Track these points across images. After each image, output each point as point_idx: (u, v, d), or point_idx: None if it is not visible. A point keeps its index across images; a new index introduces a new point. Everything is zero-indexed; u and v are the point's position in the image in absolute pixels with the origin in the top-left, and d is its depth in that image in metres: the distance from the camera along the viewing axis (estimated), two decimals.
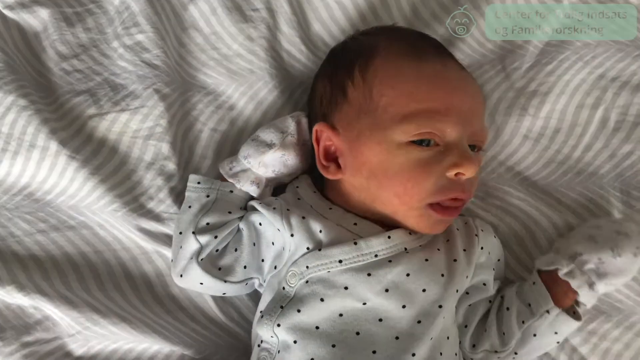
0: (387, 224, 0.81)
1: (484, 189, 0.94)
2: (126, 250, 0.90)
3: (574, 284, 0.80)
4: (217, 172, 0.92)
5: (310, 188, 0.87)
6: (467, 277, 0.82)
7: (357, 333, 0.74)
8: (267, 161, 0.85)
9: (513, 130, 0.96)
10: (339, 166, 0.82)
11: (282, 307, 0.78)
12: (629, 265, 0.80)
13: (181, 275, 0.83)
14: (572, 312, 0.83)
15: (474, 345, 0.87)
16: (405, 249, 0.78)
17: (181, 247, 0.83)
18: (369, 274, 0.76)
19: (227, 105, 0.96)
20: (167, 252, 0.89)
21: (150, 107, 0.90)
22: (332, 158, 0.83)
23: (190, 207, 0.85)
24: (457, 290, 0.80)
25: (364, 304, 0.75)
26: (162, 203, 0.89)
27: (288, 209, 0.81)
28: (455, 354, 0.81)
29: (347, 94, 0.81)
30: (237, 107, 0.96)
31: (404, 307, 0.75)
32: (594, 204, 0.93)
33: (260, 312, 0.81)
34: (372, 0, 0.98)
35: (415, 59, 0.79)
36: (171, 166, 0.90)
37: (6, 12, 0.93)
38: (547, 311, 0.81)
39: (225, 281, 0.83)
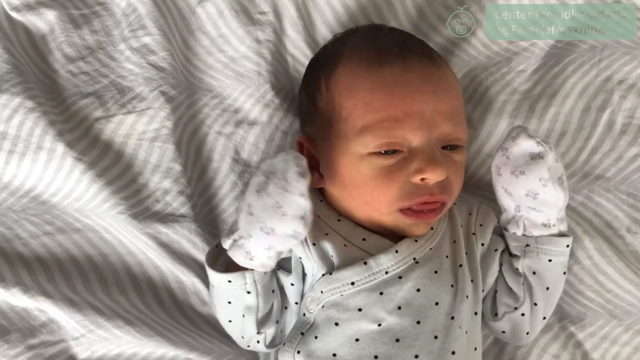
0: (394, 233, 0.80)
1: (492, 190, 0.93)
2: (131, 255, 0.89)
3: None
4: (222, 176, 0.93)
5: (317, 197, 0.85)
6: (472, 280, 0.81)
7: (375, 357, 0.74)
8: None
9: None
10: (322, 175, 0.83)
11: (302, 333, 0.78)
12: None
13: (248, 346, 0.84)
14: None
15: (495, 314, 0.86)
16: (414, 259, 0.78)
17: (242, 337, 0.82)
18: (381, 293, 0.76)
19: (232, 108, 0.96)
20: (173, 255, 0.88)
21: (157, 109, 0.90)
22: (316, 167, 0.83)
23: (230, 302, 0.79)
24: (467, 296, 0.79)
25: (379, 325, 0.75)
26: (168, 206, 0.90)
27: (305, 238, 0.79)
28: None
29: (317, 105, 0.82)
30: (243, 109, 0.96)
31: (418, 322, 0.75)
32: (600, 206, 0.93)
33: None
34: (378, 3, 0.98)
35: (375, 64, 0.77)
36: (177, 168, 0.90)
37: (13, 13, 0.93)
38: (527, 244, 0.82)
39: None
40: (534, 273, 0.83)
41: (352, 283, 0.76)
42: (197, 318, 0.89)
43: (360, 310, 0.75)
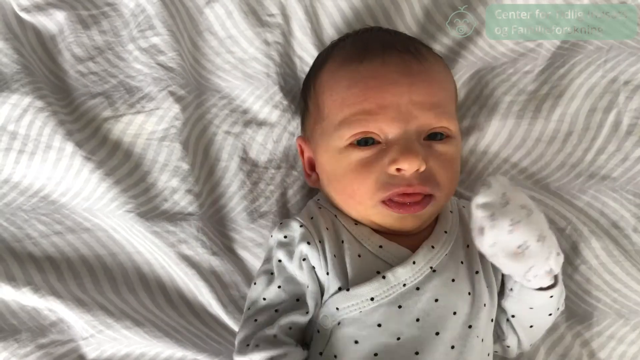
0: (408, 237, 0.79)
1: None
2: (140, 254, 0.90)
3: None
4: (230, 175, 0.93)
5: (330, 200, 0.85)
6: (487, 287, 0.79)
7: None
8: None
9: (525, 133, 0.96)
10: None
11: (320, 354, 0.76)
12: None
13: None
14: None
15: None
16: (431, 268, 0.76)
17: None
18: (399, 307, 0.74)
19: (241, 109, 0.96)
20: (180, 254, 0.88)
21: (165, 109, 0.90)
22: (314, 167, 0.85)
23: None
24: (484, 304, 0.78)
25: (398, 338, 0.73)
26: (176, 204, 0.90)
27: (320, 241, 0.78)
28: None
29: (308, 106, 0.86)
30: (251, 110, 0.96)
31: (437, 334, 0.73)
32: (606, 206, 0.94)
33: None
34: (385, 5, 0.98)
35: (355, 61, 0.79)
36: (185, 167, 0.90)
37: (22, 14, 0.93)
38: (511, 288, 0.79)
39: None
40: (513, 316, 0.81)
41: (372, 299, 0.74)
42: (207, 316, 0.89)
43: (379, 325, 0.73)
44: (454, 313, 0.75)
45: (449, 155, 0.78)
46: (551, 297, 0.76)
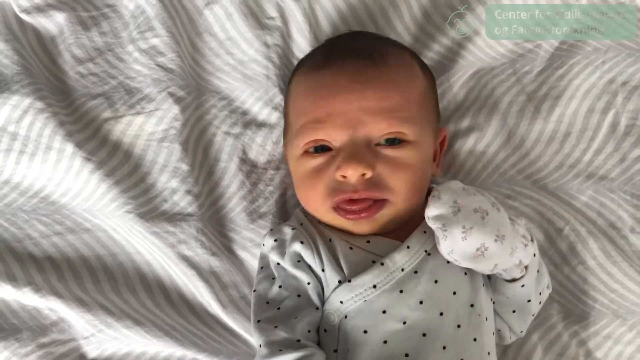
0: (394, 232, 0.81)
1: (498, 190, 0.95)
2: (140, 254, 0.90)
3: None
4: (230, 176, 0.94)
5: None
6: None
7: (406, 355, 0.73)
8: None
9: (524, 134, 0.96)
10: None
11: (335, 350, 0.76)
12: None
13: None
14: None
15: None
16: (426, 251, 0.78)
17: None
18: (401, 291, 0.75)
19: (240, 110, 0.97)
20: (180, 255, 0.89)
21: (165, 110, 0.91)
22: None
23: None
24: (483, 284, 0.79)
25: (404, 323, 0.74)
26: (175, 205, 0.90)
27: (313, 241, 0.80)
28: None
29: (284, 114, 0.91)
30: (251, 112, 0.96)
31: (441, 314, 0.74)
32: (604, 207, 0.94)
33: None
34: (384, 5, 0.98)
35: (316, 70, 0.82)
36: (185, 168, 0.91)
37: (23, 15, 0.94)
38: (489, 276, 0.80)
39: None
40: (494, 303, 0.82)
41: (374, 286, 0.75)
42: (207, 316, 0.90)
43: (384, 312, 0.75)
44: (454, 293, 0.76)
45: (404, 160, 0.78)
46: (522, 286, 0.78)
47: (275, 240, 0.82)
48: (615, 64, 0.97)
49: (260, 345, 0.74)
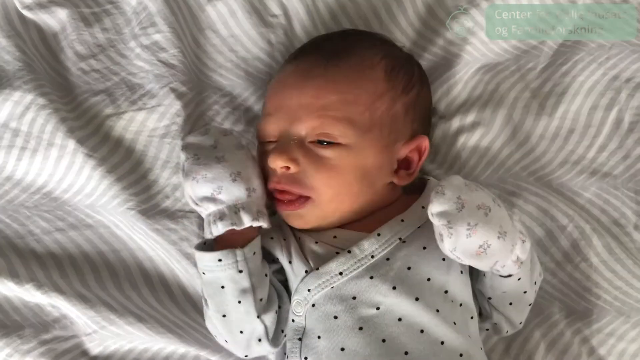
0: (365, 222, 0.82)
1: (501, 187, 0.94)
2: (142, 250, 0.90)
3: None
4: None
5: None
6: None
7: (383, 340, 0.74)
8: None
9: (529, 130, 0.96)
10: None
11: (299, 339, 0.78)
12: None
13: (246, 356, 0.83)
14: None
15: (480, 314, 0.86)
16: (400, 239, 0.79)
17: (241, 331, 0.79)
18: (371, 277, 0.76)
19: (243, 107, 0.96)
20: (182, 252, 0.89)
21: (167, 105, 0.90)
22: None
23: (223, 287, 0.78)
24: (461, 272, 0.79)
25: (378, 308, 0.75)
26: (177, 201, 0.90)
27: (285, 239, 0.83)
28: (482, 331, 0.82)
29: None
30: (253, 109, 0.96)
31: (417, 299, 0.75)
32: (607, 204, 0.94)
33: (285, 353, 0.81)
34: (387, 1, 0.98)
35: (284, 65, 0.89)
36: None
37: (25, 12, 0.93)
38: (484, 274, 0.79)
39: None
40: (490, 298, 0.81)
41: (341, 273, 0.77)
42: None
43: (354, 298, 0.76)
44: (428, 279, 0.76)
45: (331, 162, 0.79)
46: (519, 279, 0.77)
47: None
48: (619, 60, 0.97)
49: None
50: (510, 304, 0.81)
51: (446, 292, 0.77)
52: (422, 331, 0.74)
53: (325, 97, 0.80)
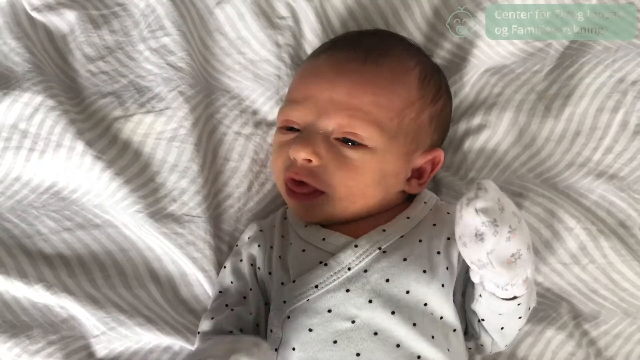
0: (355, 227, 0.80)
1: (508, 187, 0.94)
2: (150, 250, 0.90)
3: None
4: (240, 176, 0.93)
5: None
6: (447, 268, 0.77)
7: (358, 354, 0.73)
8: None
9: (535, 132, 0.97)
10: None
11: (276, 349, 0.77)
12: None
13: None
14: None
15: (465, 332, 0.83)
16: (380, 248, 0.77)
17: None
18: (347, 290, 0.75)
19: (251, 109, 0.97)
20: (188, 256, 0.88)
21: (175, 109, 0.91)
22: None
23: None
24: (442, 285, 0.76)
25: (353, 322, 0.74)
26: (184, 205, 0.90)
27: (271, 247, 0.84)
28: (466, 347, 0.79)
29: None
30: (261, 111, 0.97)
31: (393, 313, 0.73)
32: (613, 206, 0.94)
33: None
34: (395, 5, 0.98)
35: (314, 56, 0.88)
36: (195, 168, 0.90)
37: (34, 14, 0.94)
38: (480, 294, 0.76)
39: None
40: (483, 320, 0.78)
41: (316, 286, 0.76)
42: None
43: (330, 311, 0.75)
44: (407, 292, 0.75)
45: (354, 162, 0.79)
46: (519, 304, 0.74)
47: (249, 238, 0.88)
48: (626, 62, 0.97)
49: (198, 333, 0.81)
50: (502, 328, 0.79)
51: (425, 304, 0.75)
52: (398, 345, 0.73)
53: (358, 97, 0.79)
